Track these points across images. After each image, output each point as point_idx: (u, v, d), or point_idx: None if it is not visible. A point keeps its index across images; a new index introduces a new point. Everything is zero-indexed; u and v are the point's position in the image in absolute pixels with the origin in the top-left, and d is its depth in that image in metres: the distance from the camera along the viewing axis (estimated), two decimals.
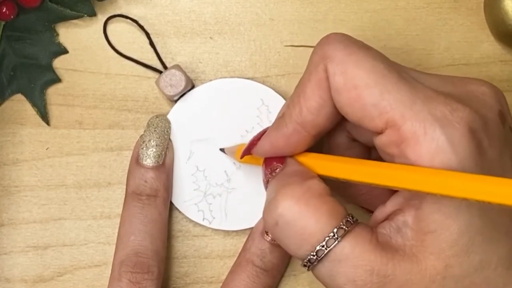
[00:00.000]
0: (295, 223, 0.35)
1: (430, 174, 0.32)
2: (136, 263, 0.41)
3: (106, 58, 0.46)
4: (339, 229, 0.34)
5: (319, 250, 0.34)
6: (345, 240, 0.34)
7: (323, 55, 0.36)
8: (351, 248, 0.34)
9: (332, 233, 0.34)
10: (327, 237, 0.34)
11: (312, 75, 0.36)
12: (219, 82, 0.45)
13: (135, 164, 0.43)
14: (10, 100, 0.45)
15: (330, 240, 0.34)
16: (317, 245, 0.34)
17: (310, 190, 0.35)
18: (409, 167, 0.33)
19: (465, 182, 0.31)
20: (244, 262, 0.42)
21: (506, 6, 0.44)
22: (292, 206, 0.35)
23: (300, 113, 0.37)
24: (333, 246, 0.34)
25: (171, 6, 0.46)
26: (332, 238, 0.34)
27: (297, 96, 0.37)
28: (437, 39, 0.46)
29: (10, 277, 0.45)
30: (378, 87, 0.34)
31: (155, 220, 0.42)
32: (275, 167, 0.38)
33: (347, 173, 0.36)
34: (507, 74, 0.46)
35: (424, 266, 0.33)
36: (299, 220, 0.35)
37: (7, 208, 0.45)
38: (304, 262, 0.35)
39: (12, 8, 0.44)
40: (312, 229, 0.34)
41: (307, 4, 0.46)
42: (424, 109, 0.33)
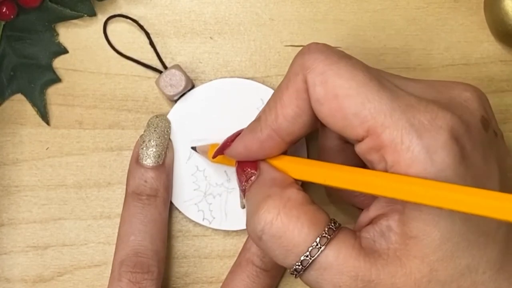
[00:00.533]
0: (278, 237, 0.35)
1: (405, 182, 0.32)
2: (136, 263, 0.41)
3: (106, 58, 0.46)
4: (321, 238, 0.34)
5: (304, 260, 0.35)
6: (328, 248, 0.34)
7: (303, 65, 0.36)
8: (335, 256, 0.34)
9: (315, 242, 0.34)
10: (310, 247, 0.34)
11: (290, 84, 0.36)
12: (219, 82, 0.45)
13: (135, 164, 0.43)
14: (10, 100, 0.45)
15: (314, 249, 0.34)
16: (302, 255, 0.35)
17: (290, 201, 0.35)
18: (385, 174, 0.33)
19: (440, 191, 0.31)
20: (244, 262, 0.42)
21: (506, 6, 0.44)
22: (273, 220, 0.35)
23: (276, 120, 0.37)
24: (316, 255, 0.34)
25: (171, 6, 0.46)
26: (315, 247, 0.34)
27: (274, 102, 0.37)
28: (437, 39, 0.46)
29: (10, 277, 0.45)
30: (359, 96, 0.34)
31: (155, 220, 0.42)
32: (249, 174, 0.38)
33: (322, 178, 0.36)
34: (507, 74, 0.46)
35: (409, 270, 0.34)
36: (282, 233, 0.35)
37: (7, 208, 0.45)
38: (291, 271, 0.35)
39: (12, 8, 0.44)
40: (295, 241, 0.35)
41: (307, 4, 0.46)
42: (403, 117, 0.33)
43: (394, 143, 0.33)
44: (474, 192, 0.30)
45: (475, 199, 0.29)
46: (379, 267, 0.34)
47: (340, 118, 0.35)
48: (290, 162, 0.38)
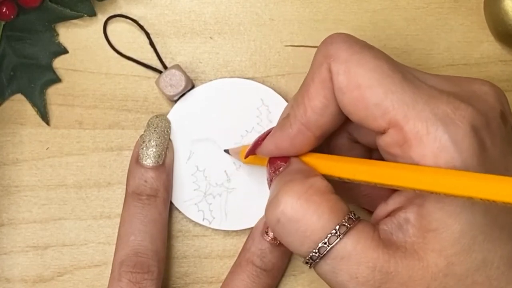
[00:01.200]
0: (297, 221, 0.35)
1: (434, 173, 0.32)
2: (136, 263, 0.41)
3: (106, 58, 0.46)
4: (341, 226, 0.34)
5: (321, 247, 0.34)
6: (347, 237, 0.34)
7: (327, 54, 0.36)
8: (353, 245, 0.34)
9: (334, 230, 0.34)
10: (329, 234, 0.34)
11: (315, 75, 0.36)
12: (219, 82, 0.45)
13: (135, 164, 0.43)
14: (10, 100, 0.45)
15: (332, 237, 0.34)
16: (319, 242, 0.34)
17: (312, 187, 0.35)
18: (413, 166, 0.33)
19: (469, 181, 0.31)
20: (244, 262, 0.42)
21: (506, 6, 0.44)
22: (293, 203, 0.35)
23: (305, 114, 0.37)
24: (335, 243, 0.34)
25: (171, 6, 0.46)
26: (334, 235, 0.34)
27: (301, 97, 0.37)
28: (437, 39, 0.46)
29: (10, 277, 0.45)
30: (382, 87, 0.34)
31: (155, 220, 0.42)
32: (278, 166, 0.38)
33: (351, 173, 0.35)
34: (507, 74, 0.46)
35: (426, 264, 0.33)
36: (301, 218, 0.35)
37: (7, 208, 0.45)
38: (306, 260, 0.35)
39: (12, 8, 0.44)
40: (314, 227, 0.34)
41: (307, 4, 0.46)
42: (427, 108, 0.33)
43: (420, 134, 0.33)
44: (507, 180, 0.29)
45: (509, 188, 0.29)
46: (397, 259, 0.34)
47: (361, 108, 0.35)
48: (318, 157, 0.38)
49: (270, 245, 0.42)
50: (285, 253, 0.43)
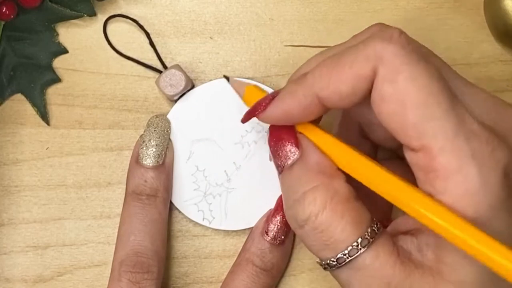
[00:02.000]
0: (321, 230, 0.34)
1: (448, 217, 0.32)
2: (136, 263, 0.41)
3: (106, 58, 0.46)
4: (363, 240, 0.34)
5: (340, 258, 0.34)
6: (368, 251, 0.34)
7: (380, 53, 0.34)
8: (372, 260, 0.34)
9: (356, 243, 0.34)
10: (350, 247, 0.34)
11: (356, 64, 0.34)
12: (219, 82, 0.45)
13: (135, 164, 0.43)
14: (10, 100, 0.45)
15: (353, 249, 0.34)
16: (339, 253, 0.34)
17: (337, 195, 0.35)
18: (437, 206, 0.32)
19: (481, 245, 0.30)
20: (244, 262, 0.42)
21: (506, 6, 0.44)
22: (319, 214, 0.34)
23: (326, 89, 0.35)
24: (355, 256, 0.34)
25: (171, 6, 0.46)
26: (355, 248, 0.34)
27: (328, 71, 0.35)
28: (437, 39, 0.46)
29: (10, 277, 0.45)
30: (427, 110, 0.32)
31: (155, 220, 0.42)
32: (288, 153, 0.37)
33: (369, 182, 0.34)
34: (507, 74, 0.46)
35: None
36: (325, 228, 0.34)
37: (7, 208, 0.45)
38: (322, 265, 0.35)
39: (12, 8, 0.44)
40: (336, 237, 0.34)
41: (307, 4, 0.46)
42: (465, 146, 0.32)
43: (451, 170, 0.32)
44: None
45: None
46: (413, 279, 0.33)
47: (398, 122, 0.33)
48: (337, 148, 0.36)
49: (270, 245, 0.42)
50: (284, 253, 0.43)
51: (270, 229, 0.43)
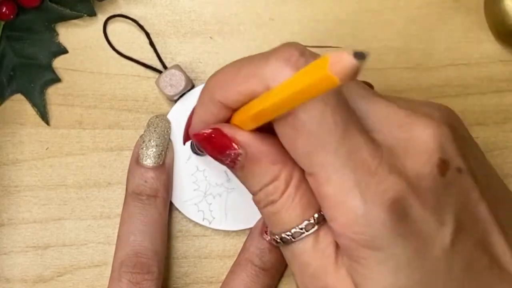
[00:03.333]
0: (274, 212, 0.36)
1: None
2: (136, 264, 0.41)
3: (106, 58, 0.46)
4: (308, 224, 0.35)
5: (284, 237, 0.35)
6: (310, 236, 0.35)
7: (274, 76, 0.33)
8: (312, 245, 0.35)
9: (302, 226, 0.35)
10: (294, 229, 0.35)
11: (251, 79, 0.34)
12: None
13: (135, 164, 0.43)
14: (10, 100, 0.45)
15: (297, 232, 0.35)
16: (285, 233, 0.35)
17: (292, 180, 0.35)
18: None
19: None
20: (244, 262, 0.43)
21: (506, 6, 0.44)
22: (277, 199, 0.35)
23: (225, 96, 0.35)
24: (298, 238, 0.35)
25: (171, 6, 0.46)
26: (299, 231, 0.35)
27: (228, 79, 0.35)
28: (437, 39, 0.46)
29: (10, 277, 0.45)
30: (317, 140, 0.33)
31: (155, 220, 0.42)
32: (235, 155, 0.36)
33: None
34: (507, 74, 0.46)
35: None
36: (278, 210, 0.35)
37: (7, 208, 0.45)
38: (271, 239, 0.36)
39: (12, 8, 0.44)
40: (286, 219, 0.35)
41: (307, 4, 0.46)
42: (351, 178, 0.33)
43: (336, 200, 0.33)
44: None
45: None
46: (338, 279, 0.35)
47: (291, 146, 0.34)
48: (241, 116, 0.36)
49: (269, 245, 0.42)
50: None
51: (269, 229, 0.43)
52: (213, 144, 0.36)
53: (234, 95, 0.35)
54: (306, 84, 0.29)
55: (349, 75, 0.26)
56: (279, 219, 0.35)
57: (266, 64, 0.34)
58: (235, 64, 0.36)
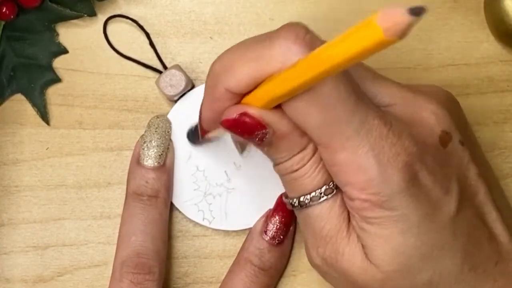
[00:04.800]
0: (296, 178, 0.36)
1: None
2: (137, 264, 0.41)
3: (106, 58, 0.46)
4: (328, 188, 0.36)
5: (302, 201, 0.36)
6: (327, 201, 0.36)
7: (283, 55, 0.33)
8: (329, 209, 0.36)
9: (320, 190, 0.36)
10: (313, 192, 0.36)
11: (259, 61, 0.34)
12: None
13: (136, 165, 0.43)
14: (10, 100, 0.45)
15: (316, 196, 0.36)
16: (303, 196, 0.36)
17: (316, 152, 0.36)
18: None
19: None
20: (243, 261, 0.43)
21: (506, 6, 0.44)
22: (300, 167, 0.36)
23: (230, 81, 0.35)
24: (316, 202, 0.36)
25: (171, 6, 0.46)
26: (317, 195, 0.36)
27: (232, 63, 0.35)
28: (437, 39, 0.46)
29: (10, 277, 0.45)
30: (331, 111, 0.34)
31: (156, 221, 0.42)
32: (262, 134, 0.36)
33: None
34: (507, 74, 0.46)
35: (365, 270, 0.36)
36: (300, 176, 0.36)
37: (7, 208, 0.45)
38: (289, 202, 0.37)
39: (12, 8, 0.44)
40: (306, 184, 0.36)
41: (307, 4, 0.46)
42: (365, 143, 0.34)
43: (351, 165, 0.34)
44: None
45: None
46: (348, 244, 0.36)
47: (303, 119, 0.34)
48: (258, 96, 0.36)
49: (268, 244, 0.42)
50: (283, 253, 0.43)
51: (269, 228, 0.43)
52: (242, 127, 0.36)
53: (241, 81, 0.35)
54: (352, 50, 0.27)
55: (404, 34, 0.25)
56: (300, 184, 0.36)
57: (273, 45, 0.34)
58: (238, 47, 0.36)
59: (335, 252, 0.36)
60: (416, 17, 0.24)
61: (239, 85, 0.35)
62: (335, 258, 0.37)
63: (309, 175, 0.36)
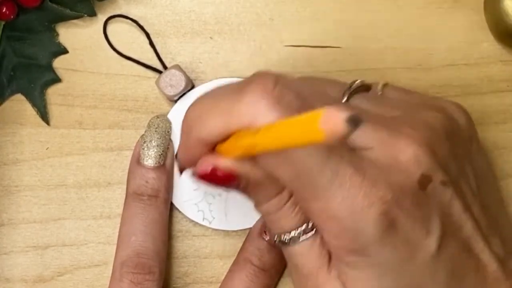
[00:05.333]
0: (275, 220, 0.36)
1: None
2: (137, 264, 0.41)
3: (106, 58, 0.46)
4: (307, 227, 0.36)
5: (283, 239, 0.36)
6: (307, 240, 0.36)
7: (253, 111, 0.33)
8: (308, 247, 0.36)
9: (299, 229, 0.36)
10: (293, 232, 0.36)
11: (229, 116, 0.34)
12: (219, 82, 0.45)
13: (136, 164, 0.43)
14: (10, 100, 0.45)
15: (296, 237, 0.36)
16: (283, 235, 0.36)
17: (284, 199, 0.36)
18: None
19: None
20: (242, 262, 0.43)
21: (506, 6, 0.44)
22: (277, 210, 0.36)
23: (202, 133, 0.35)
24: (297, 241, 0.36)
25: (171, 6, 0.46)
26: (297, 235, 0.36)
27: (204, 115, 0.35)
28: (437, 39, 0.46)
29: (10, 277, 0.45)
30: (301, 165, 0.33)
31: (156, 221, 0.42)
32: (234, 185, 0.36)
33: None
34: (507, 74, 0.46)
35: None
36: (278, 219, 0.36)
37: (7, 208, 0.45)
38: (271, 239, 0.38)
39: (12, 8, 0.44)
40: (286, 226, 0.36)
41: (307, 4, 0.46)
42: (338, 193, 0.33)
43: (324, 215, 0.34)
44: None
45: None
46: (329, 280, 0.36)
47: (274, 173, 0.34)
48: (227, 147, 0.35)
49: (268, 245, 0.42)
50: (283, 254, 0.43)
51: (268, 229, 0.43)
52: (215, 180, 0.36)
53: (211, 132, 0.35)
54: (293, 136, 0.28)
55: (339, 139, 0.25)
56: (280, 224, 0.36)
57: (242, 99, 0.34)
58: (211, 97, 0.36)
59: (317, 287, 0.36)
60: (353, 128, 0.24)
61: (210, 136, 0.35)
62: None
63: (286, 216, 0.36)
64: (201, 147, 0.36)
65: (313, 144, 0.26)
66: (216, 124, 0.34)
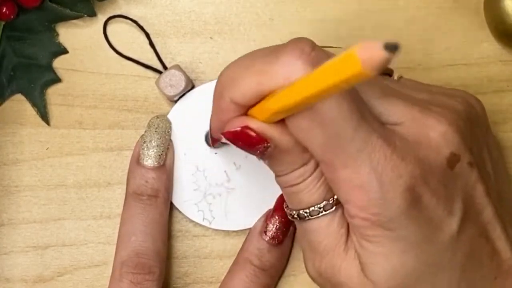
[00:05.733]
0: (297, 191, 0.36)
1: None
2: (137, 264, 0.41)
3: (106, 58, 0.46)
4: (327, 204, 0.36)
5: (301, 214, 0.36)
6: (326, 216, 0.36)
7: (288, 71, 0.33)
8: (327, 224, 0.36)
9: (320, 205, 0.36)
10: (313, 207, 0.36)
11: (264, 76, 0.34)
12: None
13: (135, 164, 0.43)
14: (10, 100, 0.45)
15: (315, 211, 0.36)
16: (302, 210, 0.36)
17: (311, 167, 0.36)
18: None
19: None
20: (242, 262, 0.43)
21: (506, 6, 0.44)
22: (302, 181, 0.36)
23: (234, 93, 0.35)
24: (315, 216, 0.36)
25: (171, 6, 0.46)
26: (317, 209, 0.36)
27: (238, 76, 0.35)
28: (437, 39, 0.46)
29: (10, 277, 0.45)
30: (333, 130, 0.33)
31: (156, 221, 0.42)
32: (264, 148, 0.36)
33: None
34: (507, 74, 0.46)
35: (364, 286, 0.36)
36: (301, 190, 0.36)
37: (7, 208, 0.45)
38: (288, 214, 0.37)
39: (12, 8, 0.44)
40: (306, 198, 0.36)
41: (307, 4, 0.46)
42: (367, 163, 0.33)
43: (352, 184, 0.34)
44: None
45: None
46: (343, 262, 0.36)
47: (305, 137, 0.34)
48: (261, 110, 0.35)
49: (268, 245, 0.42)
50: (283, 253, 0.43)
51: (268, 229, 0.43)
52: (243, 140, 0.36)
53: (245, 94, 0.35)
54: (334, 80, 0.27)
55: (380, 69, 0.25)
56: (300, 197, 0.36)
57: (278, 60, 0.34)
58: (245, 59, 0.36)
59: (332, 267, 0.36)
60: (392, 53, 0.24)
61: (244, 98, 0.35)
62: (331, 272, 0.36)
63: (309, 190, 0.36)
64: (233, 110, 0.36)
65: (353, 80, 0.26)
66: (250, 85, 0.34)
